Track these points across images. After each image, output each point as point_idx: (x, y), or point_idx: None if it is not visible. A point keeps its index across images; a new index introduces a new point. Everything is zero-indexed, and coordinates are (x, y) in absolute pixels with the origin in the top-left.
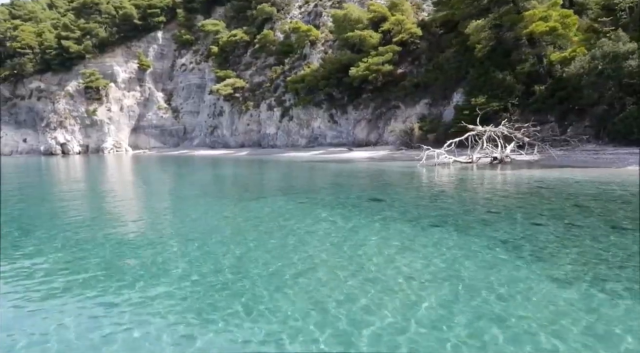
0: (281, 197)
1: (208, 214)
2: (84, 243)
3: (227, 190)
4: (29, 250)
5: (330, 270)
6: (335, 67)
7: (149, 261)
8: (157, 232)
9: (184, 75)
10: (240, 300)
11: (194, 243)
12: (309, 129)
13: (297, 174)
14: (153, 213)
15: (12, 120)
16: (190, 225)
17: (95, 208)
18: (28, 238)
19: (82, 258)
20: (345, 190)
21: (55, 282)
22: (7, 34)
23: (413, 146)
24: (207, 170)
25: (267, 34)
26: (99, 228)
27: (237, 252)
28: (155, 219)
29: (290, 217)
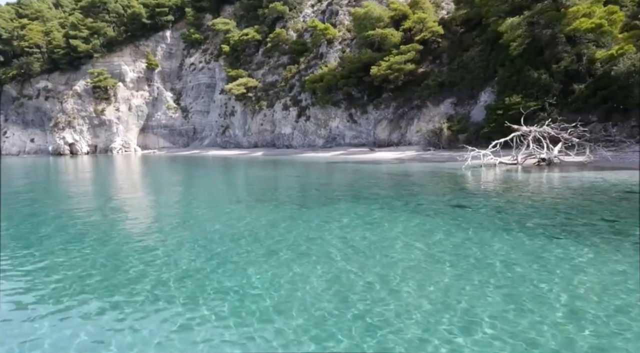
0: (350, 202)
1: (297, 227)
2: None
3: (283, 195)
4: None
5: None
6: (355, 66)
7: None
8: (268, 257)
9: (193, 75)
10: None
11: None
12: (326, 129)
13: (337, 175)
14: (233, 230)
15: (19, 120)
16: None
17: (144, 228)
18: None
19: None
20: (413, 195)
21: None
22: (14, 33)
23: (442, 146)
24: (234, 172)
25: (279, 32)
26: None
27: (395, 278)
28: (249, 236)
29: (393, 228)
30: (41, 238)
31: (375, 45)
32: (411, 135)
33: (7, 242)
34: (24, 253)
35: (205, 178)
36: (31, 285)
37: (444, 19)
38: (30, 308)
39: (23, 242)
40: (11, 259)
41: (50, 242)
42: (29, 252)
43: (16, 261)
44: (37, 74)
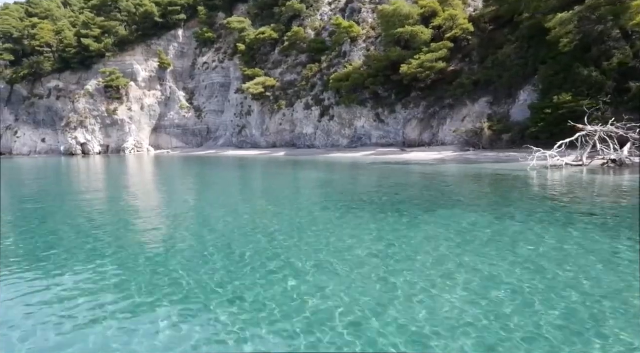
0: (457, 209)
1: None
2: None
3: (386, 203)
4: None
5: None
6: (383, 64)
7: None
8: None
9: (206, 74)
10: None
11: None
12: (351, 129)
13: (397, 178)
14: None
15: (30, 119)
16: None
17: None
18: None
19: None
20: (510, 201)
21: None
22: (24, 33)
23: (482, 147)
24: (274, 174)
25: (297, 31)
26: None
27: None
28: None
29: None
30: (72, 248)
31: (403, 43)
32: (444, 135)
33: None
34: (48, 269)
35: (251, 182)
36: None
37: (472, 16)
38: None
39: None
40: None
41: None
42: (62, 265)
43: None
44: (48, 74)
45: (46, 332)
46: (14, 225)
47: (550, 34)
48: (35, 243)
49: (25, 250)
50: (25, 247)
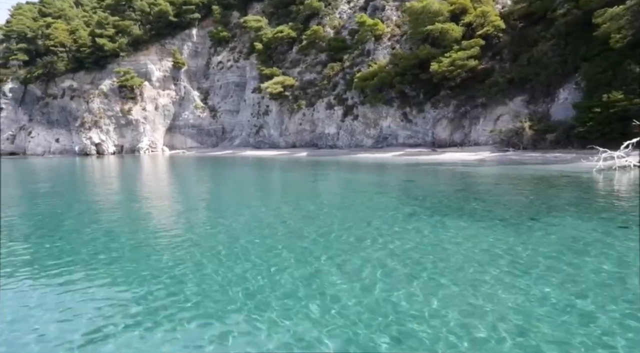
0: (567, 217)
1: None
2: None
3: (450, 207)
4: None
5: None
6: (411, 62)
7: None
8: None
9: (221, 74)
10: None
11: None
12: (376, 129)
13: (452, 180)
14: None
15: (44, 119)
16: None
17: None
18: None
19: None
20: (619, 207)
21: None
22: (38, 32)
23: (523, 147)
24: (313, 177)
25: (316, 29)
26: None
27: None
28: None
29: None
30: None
31: (431, 41)
32: (477, 135)
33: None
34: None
35: (296, 187)
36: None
37: (501, 13)
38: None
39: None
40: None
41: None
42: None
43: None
44: (62, 73)
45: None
46: (42, 231)
47: (597, 30)
48: (66, 250)
49: (54, 256)
50: (55, 254)
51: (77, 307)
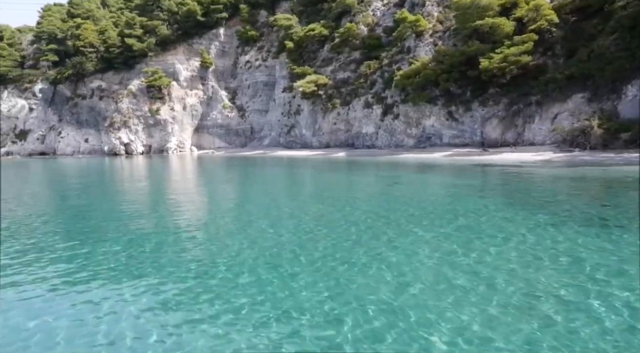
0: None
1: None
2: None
3: (582, 217)
4: None
5: None
6: (457, 59)
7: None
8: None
9: (249, 73)
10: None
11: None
12: (418, 128)
13: (540, 184)
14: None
15: (73, 120)
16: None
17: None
18: None
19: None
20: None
21: None
22: (68, 33)
23: (590, 147)
24: (375, 179)
25: (350, 27)
26: None
27: None
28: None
29: None
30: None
31: (479, 37)
32: (533, 135)
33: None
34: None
35: (372, 191)
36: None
37: (552, 7)
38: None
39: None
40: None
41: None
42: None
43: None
44: (91, 74)
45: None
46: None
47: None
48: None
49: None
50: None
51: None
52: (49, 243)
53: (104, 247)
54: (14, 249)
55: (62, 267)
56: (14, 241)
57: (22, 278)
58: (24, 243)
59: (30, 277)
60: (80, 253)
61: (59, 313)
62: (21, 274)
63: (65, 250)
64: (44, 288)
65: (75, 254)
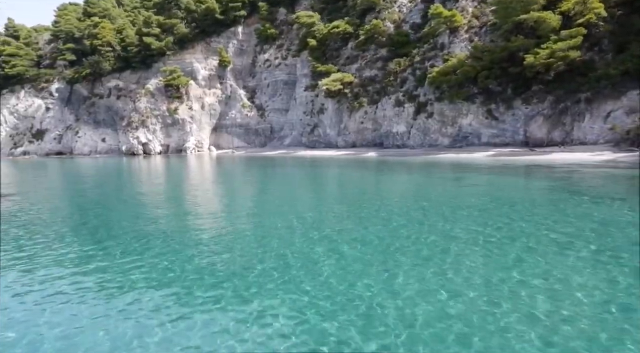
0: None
1: None
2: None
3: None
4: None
5: None
6: (498, 55)
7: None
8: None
9: (268, 72)
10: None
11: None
12: (454, 127)
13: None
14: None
15: (90, 119)
16: None
17: None
18: None
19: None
20: None
21: None
22: (85, 32)
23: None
24: (447, 185)
25: (376, 24)
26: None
27: None
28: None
29: None
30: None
31: (519, 32)
32: (583, 133)
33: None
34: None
35: (444, 198)
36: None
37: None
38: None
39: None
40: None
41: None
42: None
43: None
44: (108, 73)
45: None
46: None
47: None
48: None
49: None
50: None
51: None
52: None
53: (155, 262)
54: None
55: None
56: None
57: (55, 286)
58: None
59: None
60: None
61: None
62: (53, 281)
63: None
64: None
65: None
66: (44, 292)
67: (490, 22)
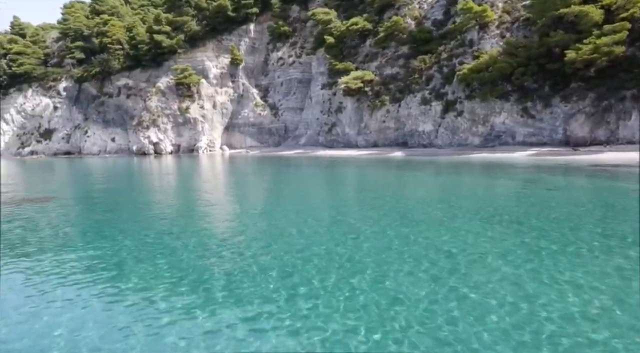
0: None
1: None
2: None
3: None
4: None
5: None
6: (537, 51)
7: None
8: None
9: (282, 70)
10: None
11: None
12: (485, 126)
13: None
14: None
15: (99, 119)
16: None
17: None
18: None
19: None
20: None
21: None
22: (94, 30)
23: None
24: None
25: (397, 20)
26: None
27: None
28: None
29: None
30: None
31: (557, 27)
32: (631, 132)
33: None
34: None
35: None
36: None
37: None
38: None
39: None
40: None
41: None
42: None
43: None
44: (117, 72)
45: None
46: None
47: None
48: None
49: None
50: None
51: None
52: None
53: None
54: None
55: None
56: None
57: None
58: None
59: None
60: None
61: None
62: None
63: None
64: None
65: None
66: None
67: (523, 17)
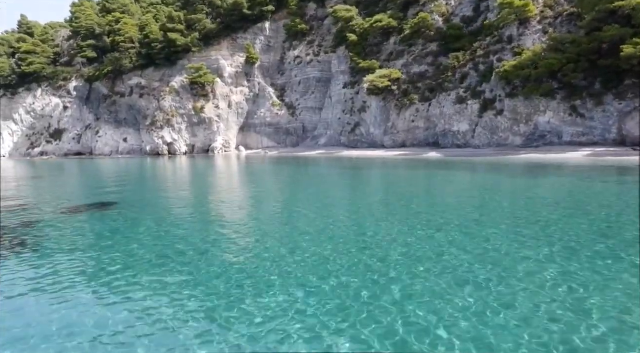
0: None
1: None
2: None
3: None
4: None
5: None
6: (588, 47)
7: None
8: None
9: (299, 69)
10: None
11: None
12: (528, 125)
13: None
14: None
15: (111, 119)
16: None
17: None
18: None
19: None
20: None
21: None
22: (106, 28)
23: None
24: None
25: (424, 17)
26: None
27: None
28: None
29: None
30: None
31: (609, 21)
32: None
33: None
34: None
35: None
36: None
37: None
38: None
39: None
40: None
41: None
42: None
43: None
44: (130, 71)
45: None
46: None
47: None
48: None
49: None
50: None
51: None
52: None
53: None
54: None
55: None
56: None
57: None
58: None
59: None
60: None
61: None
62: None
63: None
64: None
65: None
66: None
67: (567, 11)
